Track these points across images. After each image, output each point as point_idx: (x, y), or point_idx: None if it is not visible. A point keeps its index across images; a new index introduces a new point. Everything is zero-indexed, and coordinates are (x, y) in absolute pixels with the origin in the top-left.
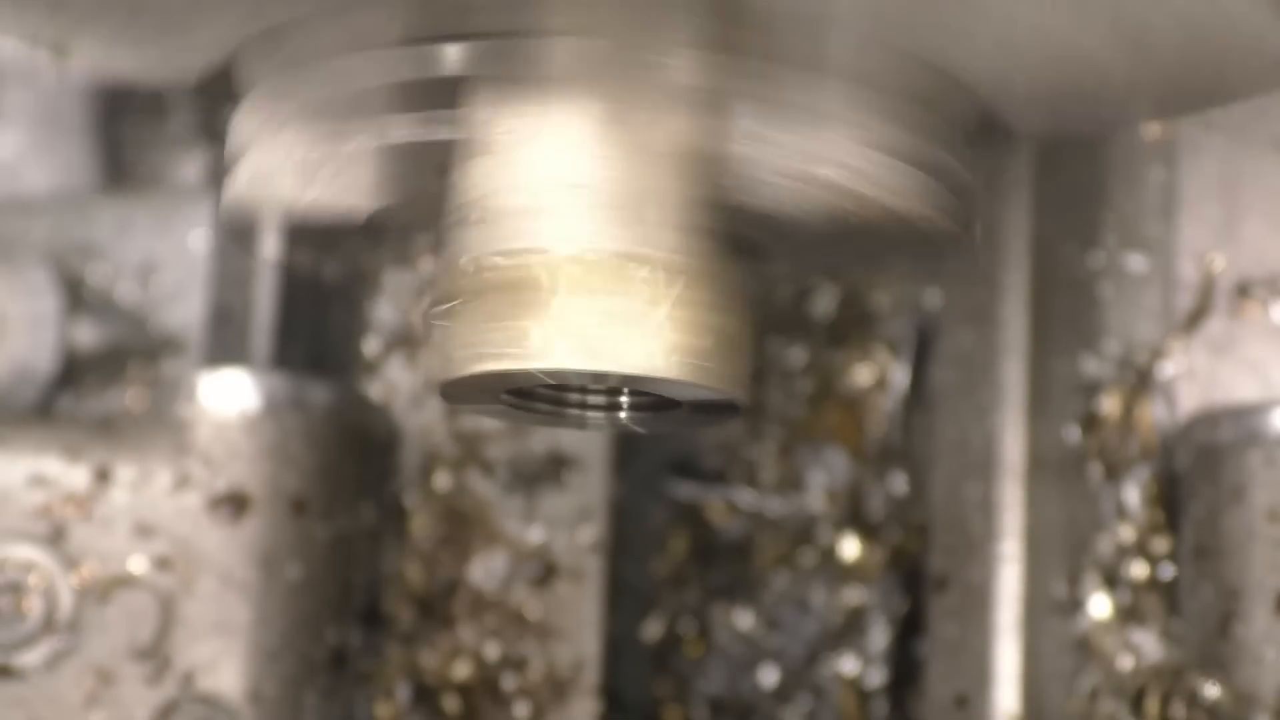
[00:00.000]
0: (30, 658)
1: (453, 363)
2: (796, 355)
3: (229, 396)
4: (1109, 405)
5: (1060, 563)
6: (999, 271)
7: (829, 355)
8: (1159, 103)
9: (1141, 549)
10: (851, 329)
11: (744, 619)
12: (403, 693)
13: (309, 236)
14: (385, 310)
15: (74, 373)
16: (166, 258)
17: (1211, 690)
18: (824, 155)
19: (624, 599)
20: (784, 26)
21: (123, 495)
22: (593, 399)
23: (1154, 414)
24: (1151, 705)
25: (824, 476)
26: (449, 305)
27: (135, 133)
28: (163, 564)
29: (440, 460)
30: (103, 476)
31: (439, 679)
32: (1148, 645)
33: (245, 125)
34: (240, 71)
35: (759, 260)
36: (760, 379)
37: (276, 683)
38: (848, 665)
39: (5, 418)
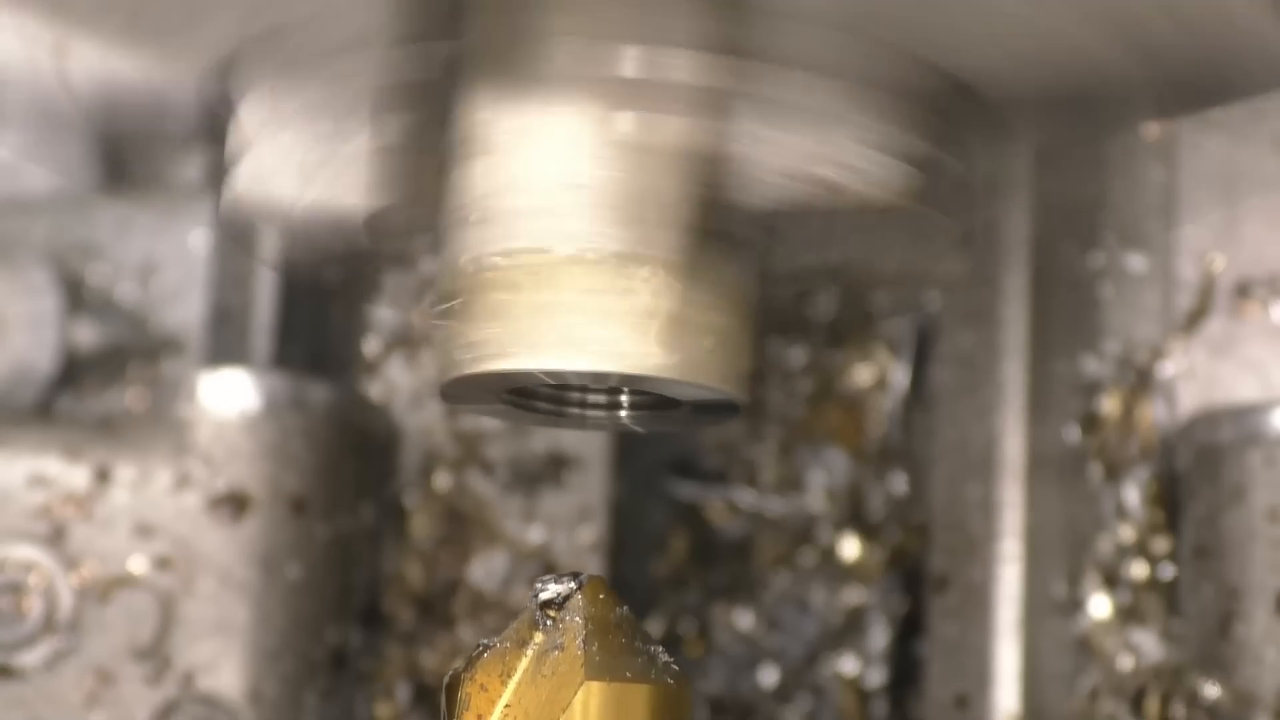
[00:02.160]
0: (30, 658)
1: (453, 363)
2: (796, 355)
3: (229, 396)
4: (1109, 405)
5: (1060, 563)
6: (999, 271)
7: (829, 355)
8: (1159, 102)
9: (1141, 549)
10: (851, 329)
11: (744, 619)
12: (403, 693)
13: (310, 245)
14: (385, 310)
15: (74, 373)
16: (166, 258)
17: (1211, 690)
18: (824, 155)
19: (624, 599)
20: (783, 25)
21: (123, 495)
22: (593, 399)
23: (1154, 414)
24: (1151, 705)
25: (824, 476)
26: (449, 305)
27: (135, 133)
28: (163, 564)
29: (440, 460)
30: (103, 476)
31: (439, 679)
32: (1148, 645)
33: (245, 125)
34: (240, 72)
35: (759, 260)
36: (760, 379)
37: (276, 683)
38: (848, 665)
39: (5, 418)
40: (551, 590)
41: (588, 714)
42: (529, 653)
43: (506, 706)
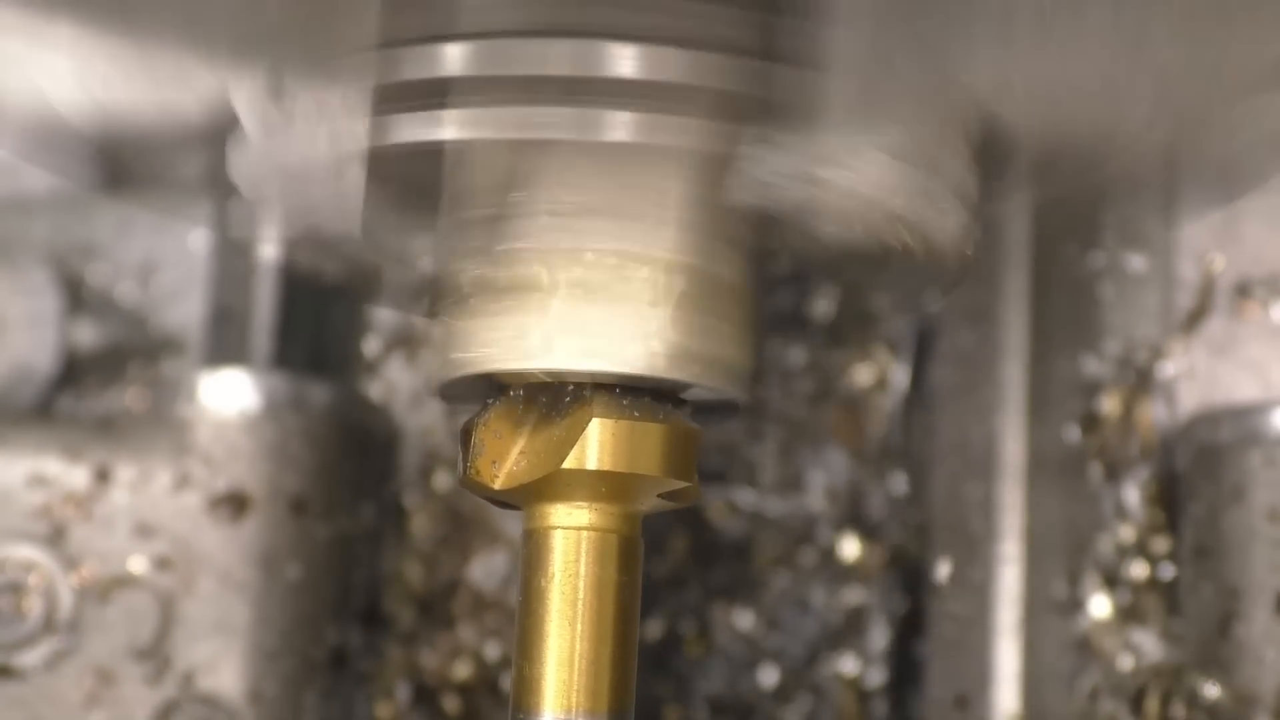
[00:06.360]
0: (30, 658)
1: (451, 363)
2: (796, 355)
3: (229, 396)
4: (1109, 405)
5: (1060, 563)
6: (999, 271)
7: (829, 355)
8: (1160, 105)
9: (1141, 549)
10: (851, 329)
11: (744, 619)
12: (403, 693)
13: (311, 245)
14: (385, 310)
15: (74, 373)
16: (166, 258)
17: (1211, 690)
18: (828, 157)
19: None
20: (788, 28)
21: (123, 495)
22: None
23: (1154, 414)
24: (1151, 705)
25: (824, 476)
26: (448, 305)
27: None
28: (163, 564)
29: (440, 460)
30: (103, 476)
31: (439, 679)
32: (1148, 645)
33: (245, 125)
34: (240, 72)
35: (760, 260)
36: (760, 379)
37: (276, 683)
38: (848, 665)
39: (5, 418)
40: None
41: (599, 450)
42: (543, 399)
43: (520, 453)
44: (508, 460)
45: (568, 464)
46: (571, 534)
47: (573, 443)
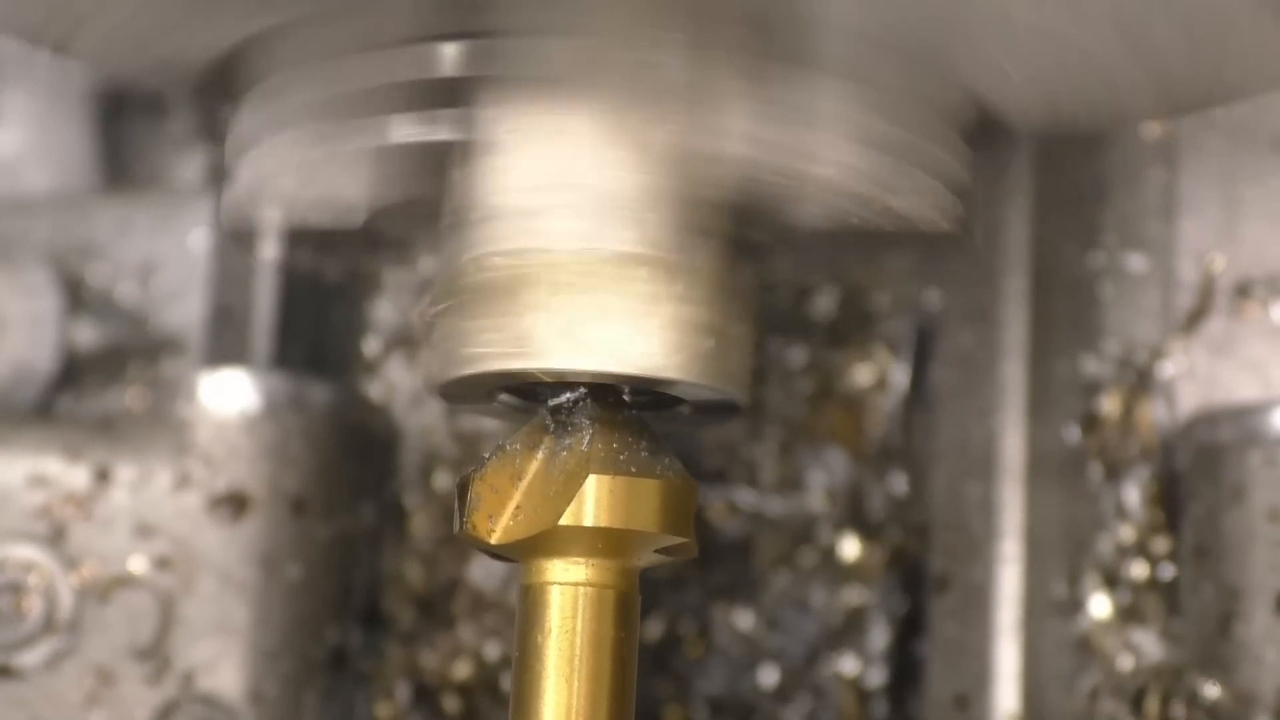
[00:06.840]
0: (30, 658)
1: (451, 363)
2: (796, 355)
3: (229, 396)
4: (1109, 405)
5: (1060, 563)
6: (999, 271)
7: (829, 355)
8: (1159, 102)
9: (1141, 549)
10: (851, 329)
11: (744, 619)
12: (403, 693)
13: (310, 239)
14: (385, 310)
15: (74, 373)
16: (166, 258)
17: (1211, 690)
18: (823, 154)
19: None
20: (783, 25)
21: (123, 495)
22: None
23: (1154, 414)
24: (1151, 705)
25: (824, 476)
26: (448, 305)
27: (135, 132)
28: (163, 564)
29: (440, 460)
30: (103, 476)
31: (439, 679)
32: (1148, 645)
33: (245, 125)
34: (241, 71)
35: (760, 260)
36: (760, 379)
37: (276, 683)
38: (848, 665)
39: (5, 418)
40: (561, 396)
41: (596, 507)
42: (539, 455)
43: (517, 508)
44: (504, 515)
45: (565, 520)
46: (568, 590)
47: (569, 499)
